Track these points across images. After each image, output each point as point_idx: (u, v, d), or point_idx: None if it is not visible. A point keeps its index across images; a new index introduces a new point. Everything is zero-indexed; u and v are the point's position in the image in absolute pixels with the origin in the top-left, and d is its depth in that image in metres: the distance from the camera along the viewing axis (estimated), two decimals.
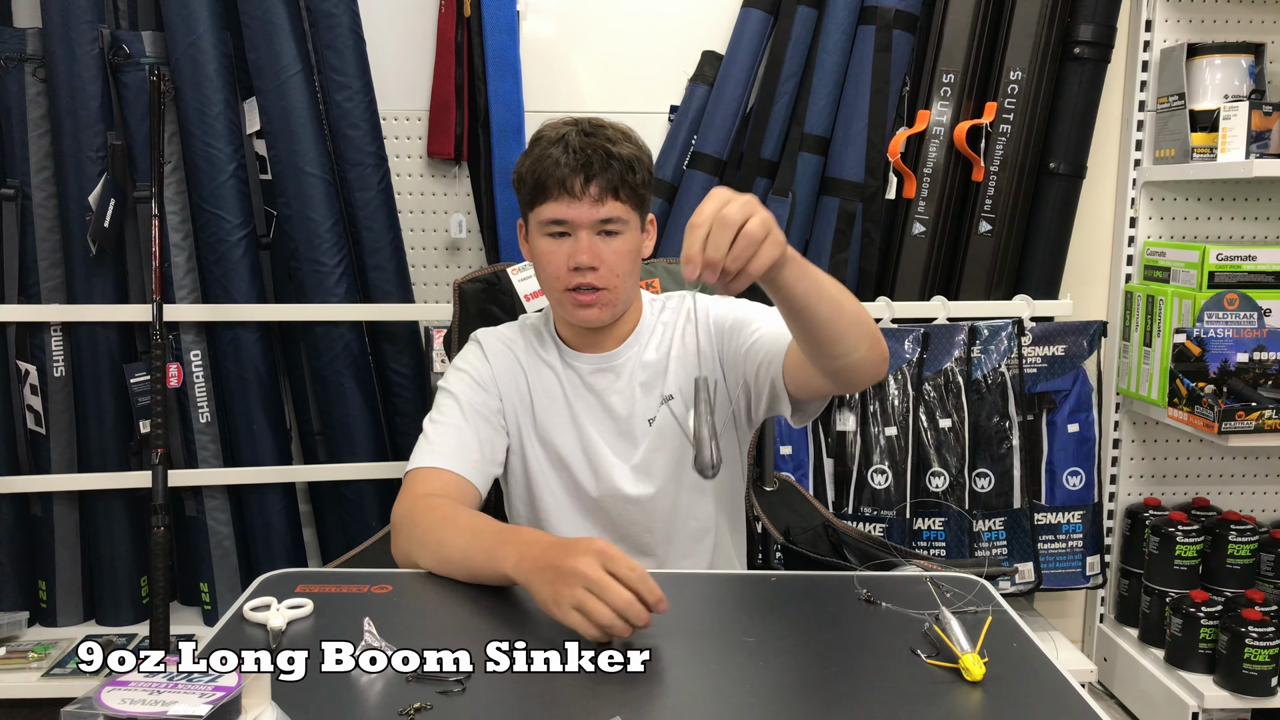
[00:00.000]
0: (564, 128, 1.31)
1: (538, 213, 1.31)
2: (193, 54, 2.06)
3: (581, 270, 1.29)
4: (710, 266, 0.94)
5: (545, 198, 1.29)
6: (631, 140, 1.33)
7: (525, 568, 1.04)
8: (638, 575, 0.97)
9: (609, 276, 1.31)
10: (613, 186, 1.28)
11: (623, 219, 1.30)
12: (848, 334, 1.11)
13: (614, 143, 1.29)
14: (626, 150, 1.30)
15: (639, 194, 1.32)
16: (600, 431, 1.40)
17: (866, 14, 2.17)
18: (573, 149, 1.28)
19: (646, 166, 1.33)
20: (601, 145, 1.28)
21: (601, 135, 1.30)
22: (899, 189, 2.23)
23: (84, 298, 2.16)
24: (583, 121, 1.32)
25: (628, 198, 1.30)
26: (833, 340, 1.11)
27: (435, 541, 1.18)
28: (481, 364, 1.42)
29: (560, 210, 1.29)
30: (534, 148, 1.32)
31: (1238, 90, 2.18)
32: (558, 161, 1.27)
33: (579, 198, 1.28)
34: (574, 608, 0.96)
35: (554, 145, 1.29)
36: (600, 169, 1.27)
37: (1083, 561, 2.29)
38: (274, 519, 2.26)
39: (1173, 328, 2.18)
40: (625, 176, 1.29)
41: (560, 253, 1.30)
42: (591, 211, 1.28)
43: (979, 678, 0.90)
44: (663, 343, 1.42)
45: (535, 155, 1.31)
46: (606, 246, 1.30)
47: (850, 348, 1.12)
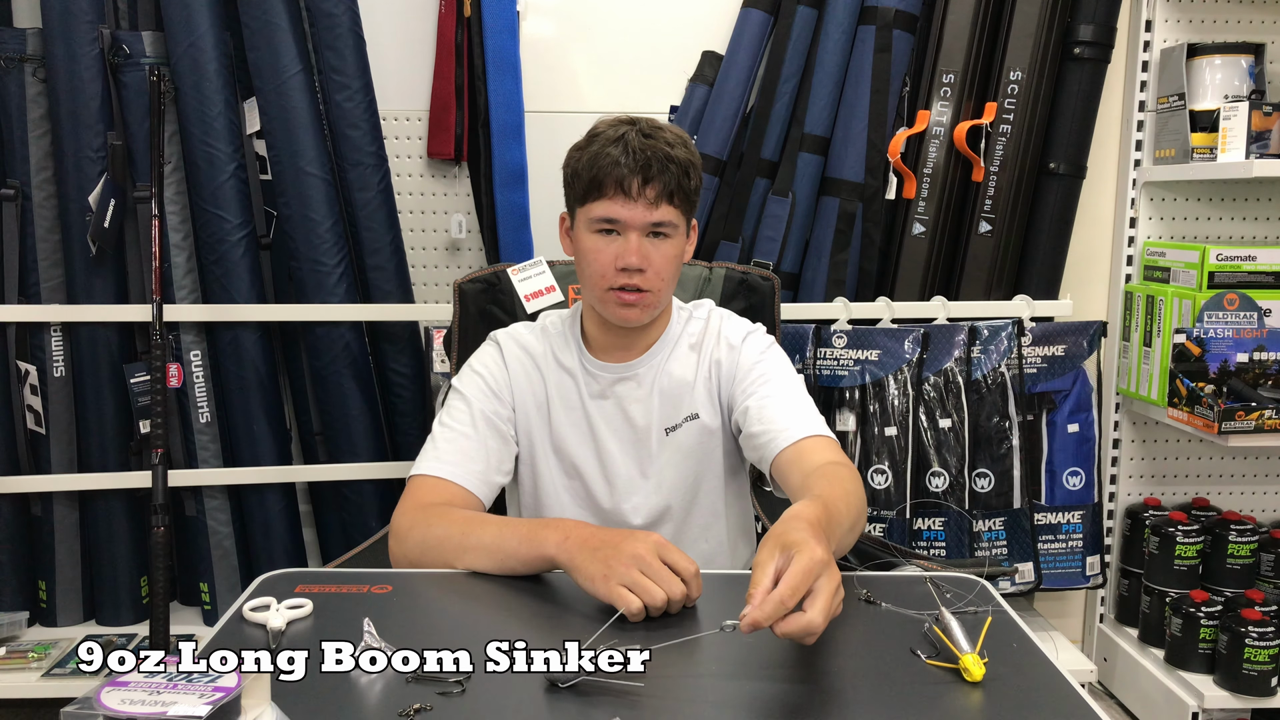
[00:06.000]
0: (622, 126, 1.31)
1: (589, 209, 1.31)
2: (193, 54, 2.06)
3: (629, 271, 1.29)
4: (755, 628, 0.87)
5: (600, 195, 1.29)
6: (687, 145, 1.32)
7: (571, 546, 1.08)
8: (693, 571, 1.04)
9: (655, 279, 1.31)
10: (668, 191, 1.28)
11: (673, 223, 1.31)
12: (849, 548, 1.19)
13: (672, 146, 1.29)
14: (683, 155, 1.30)
15: (691, 200, 1.33)
16: (617, 442, 1.40)
17: (866, 14, 2.17)
18: (632, 149, 1.27)
19: (699, 171, 1.34)
20: (661, 149, 1.28)
21: (660, 138, 1.29)
22: (899, 189, 2.23)
23: (84, 298, 2.16)
24: (641, 121, 1.32)
25: (680, 202, 1.30)
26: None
27: (459, 534, 1.18)
28: (498, 369, 1.41)
29: (614, 210, 1.29)
30: (591, 143, 1.31)
31: (1238, 90, 2.18)
32: (616, 161, 1.27)
33: (635, 199, 1.28)
34: (623, 584, 1.01)
35: (613, 144, 1.28)
36: (658, 172, 1.27)
37: (1083, 561, 2.29)
38: (274, 519, 2.26)
39: (1173, 328, 2.18)
40: (681, 181, 1.29)
41: (608, 251, 1.30)
42: (646, 214, 1.28)
43: (979, 678, 0.90)
44: (689, 358, 1.42)
45: (593, 152, 1.30)
46: (655, 249, 1.30)
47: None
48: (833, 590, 0.89)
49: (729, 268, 1.70)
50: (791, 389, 1.36)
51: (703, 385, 1.40)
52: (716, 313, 1.46)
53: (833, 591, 0.89)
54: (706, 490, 1.43)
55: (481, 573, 1.16)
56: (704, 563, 1.08)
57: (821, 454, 1.26)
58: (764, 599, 0.86)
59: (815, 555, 0.89)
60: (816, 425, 1.31)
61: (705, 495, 1.43)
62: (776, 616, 0.86)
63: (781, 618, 0.86)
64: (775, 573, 0.89)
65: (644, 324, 1.37)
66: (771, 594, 0.86)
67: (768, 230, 2.20)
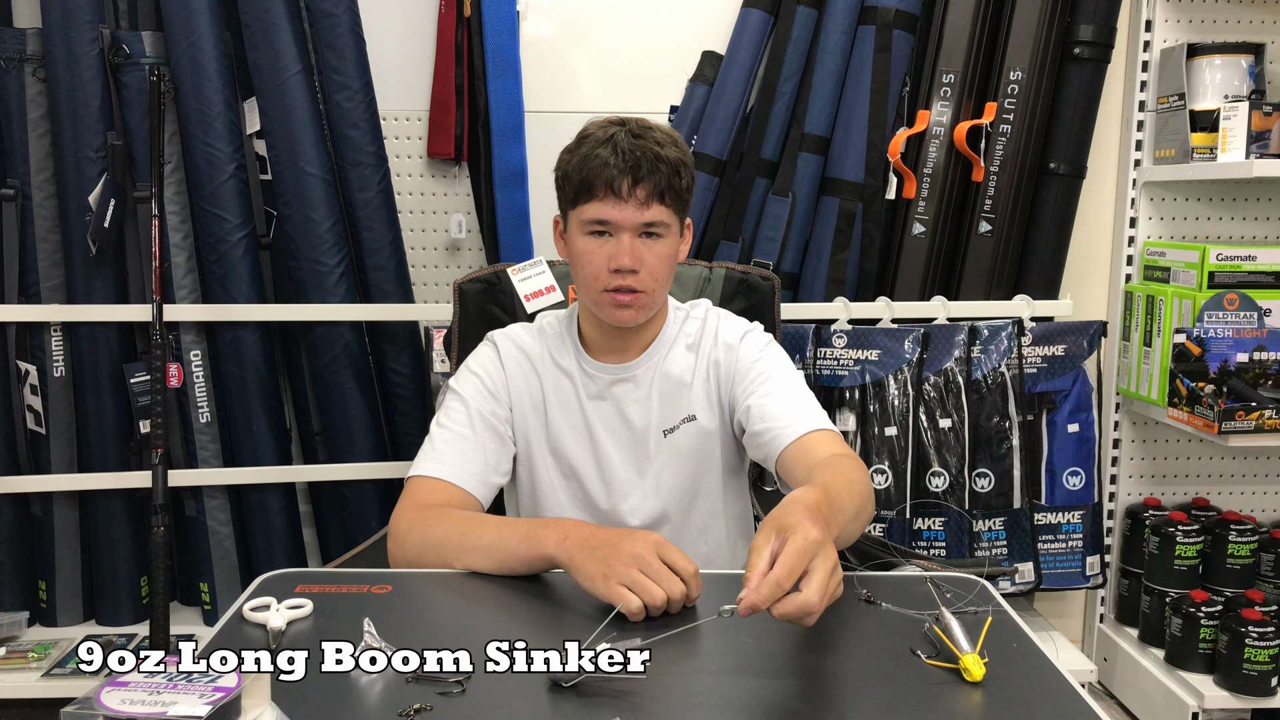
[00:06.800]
0: (611, 127, 1.30)
1: (580, 211, 1.30)
2: (193, 54, 2.06)
3: (622, 272, 1.29)
4: (753, 610, 0.87)
5: (590, 197, 1.29)
6: (678, 144, 1.32)
7: (570, 545, 1.08)
8: (692, 570, 1.04)
9: (648, 280, 1.31)
10: (659, 191, 1.28)
11: (665, 223, 1.30)
12: (857, 536, 1.21)
13: (662, 146, 1.29)
14: (673, 154, 1.29)
15: (683, 199, 1.32)
16: (614, 443, 1.40)
17: (866, 14, 2.17)
18: (621, 150, 1.27)
19: (690, 170, 1.33)
20: (650, 148, 1.27)
21: (650, 138, 1.29)
22: (899, 189, 2.23)
23: (84, 298, 2.16)
24: (630, 121, 1.32)
25: (672, 202, 1.30)
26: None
27: (458, 535, 1.18)
28: (495, 369, 1.41)
29: (605, 211, 1.28)
30: (580, 145, 1.31)
31: (1238, 90, 2.18)
32: (606, 162, 1.27)
33: (625, 200, 1.27)
34: (623, 583, 1.01)
35: (602, 145, 1.28)
36: (648, 172, 1.27)
37: (1083, 561, 2.29)
38: (274, 519, 2.26)
39: (1173, 328, 2.18)
40: (671, 181, 1.28)
41: (601, 253, 1.30)
42: (636, 214, 1.28)
43: (979, 678, 0.90)
44: (686, 358, 1.41)
45: (582, 154, 1.29)
46: (648, 250, 1.30)
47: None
48: (829, 569, 0.89)
49: (729, 268, 1.70)
50: (792, 385, 1.36)
51: (700, 386, 1.40)
52: (713, 312, 1.46)
53: (829, 570, 0.89)
54: (705, 492, 1.43)
55: (481, 573, 1.16)
56: (703, 564, 1.07)
57: (826, 447, 1.26)
58: (760, 581, 0.86)
59: (809, 535, 0.89)
60: (819, 420, 1.31)
61: (704, 497, 1.43)
62: (773, 599, 0.86)
63: (779, 600, 0.86)
64: (771, 555, 0.89)
65: (639, 324, 1.37)
66: (767, 576, 0.86)
67: (768, 230, 2.20)
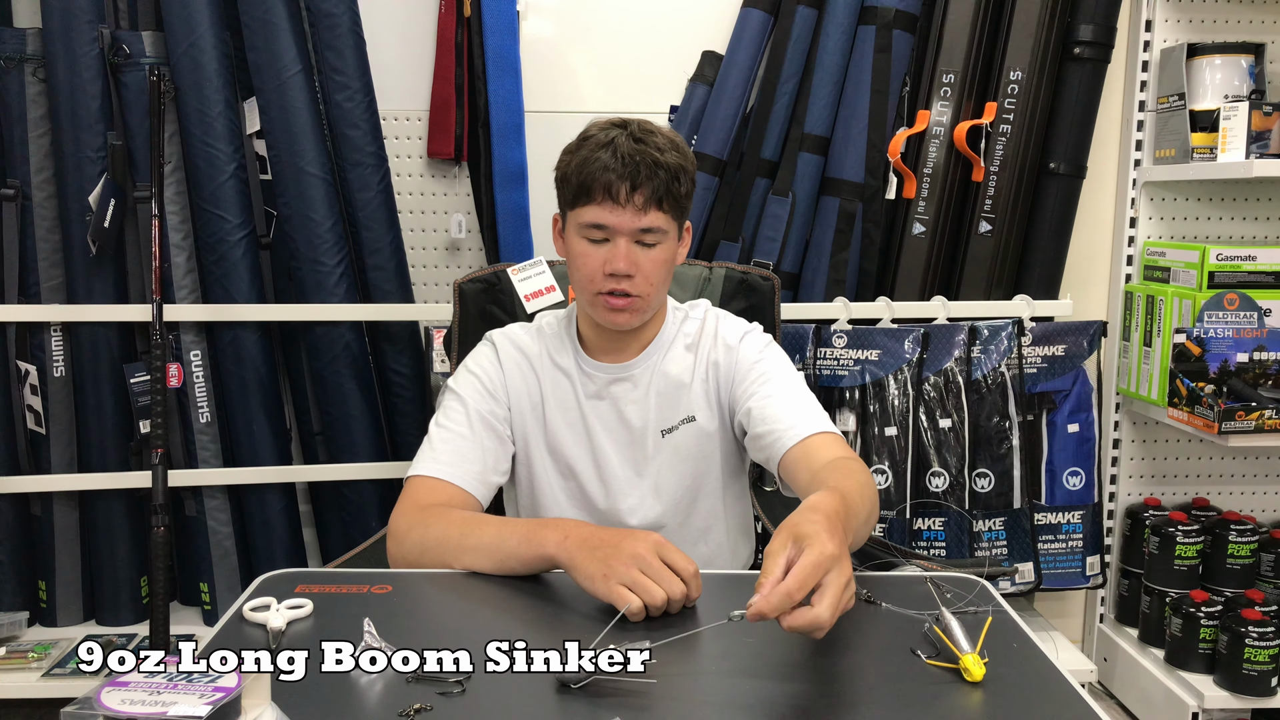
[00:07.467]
0: (613, 130, 1.29)
1: (578, 214, 1.30)
2: (193, 54, 2.06)
3: (617, 277, 1.29)
4: (762, 618, 0.87)
5: (588, 200, 1.28)
6: (678, 148, 1.31)
7: (571, 545, 1.08)
8: (692, 570, 1.04)
9: (644, 285, 1.30)
10: (657, 197, 1.27)
11: (663, 229, 1.29)
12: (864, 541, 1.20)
13: (662, 151, 1.28)
14: (673, 159, 1.28)
15: (681, 204, 1.31)
16: (612, 443, 1.40)
17: (866, 14, 2.17)
18: (621, 155, 1.26)
19: (691, 175, 1.32)
20: (650, 154, 1.26)
21: (651, 143, 1.28)
22: (899, 189, 2.23)
23: (84, 298, 2.16)
24: (632, 124, 1.30)
25: (670, 208, 1.29)
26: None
27: (458, 535, 1.18)
28: (493, 369, 1.40)
29: (602, 215, 1.28)
30: (581, 147, 1.30)
31: (1238, 90, 2.18)
32: (605, 166, 1.26)
33: (623, 205, 1.27)
34: (623, 584, 1.01)
35: (602, 148, 1.27)
36: (647, 178, 1.26)
37: (1083, 561, 2.29)
38: (274, 519, 2.26)
39: (1173, 328, 2.18)
40: (670, 186, 1.28)
41: (597, 256, 1.29)
42: (634, 220, 1.27)
43: (979, 678, 0.90)
44: (685, 358, 1.41)
45: (582, 156, 1.28)
46: (644, 255, 1.29)
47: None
48: (842, 585, 0.88)
49: (729, 268, 1.70)
50: (793, 386, 1.35)
51: (700, 386, 1.40)
52: (712, 313, 1.46)
53: (842, 587, 0.88)
54: (705, 493, 1.43)
55: (481, 573, 1.16)
56: (703, 565, 1.07)
57: (829, 450, 1.26)
58: (771, 589, 0.86)
59: (825, 549, 0.88)
60: (821, 422, 1.30)
61: (704, 498, 1.43)
62: (783, 609, 0.86)
63: (789, 611, 0.86)
64: (786, 563, 0.88)
65: (635, 327, 1.37)
66: (779, 586, 0.86)
67: (768, 230, 2.20)
